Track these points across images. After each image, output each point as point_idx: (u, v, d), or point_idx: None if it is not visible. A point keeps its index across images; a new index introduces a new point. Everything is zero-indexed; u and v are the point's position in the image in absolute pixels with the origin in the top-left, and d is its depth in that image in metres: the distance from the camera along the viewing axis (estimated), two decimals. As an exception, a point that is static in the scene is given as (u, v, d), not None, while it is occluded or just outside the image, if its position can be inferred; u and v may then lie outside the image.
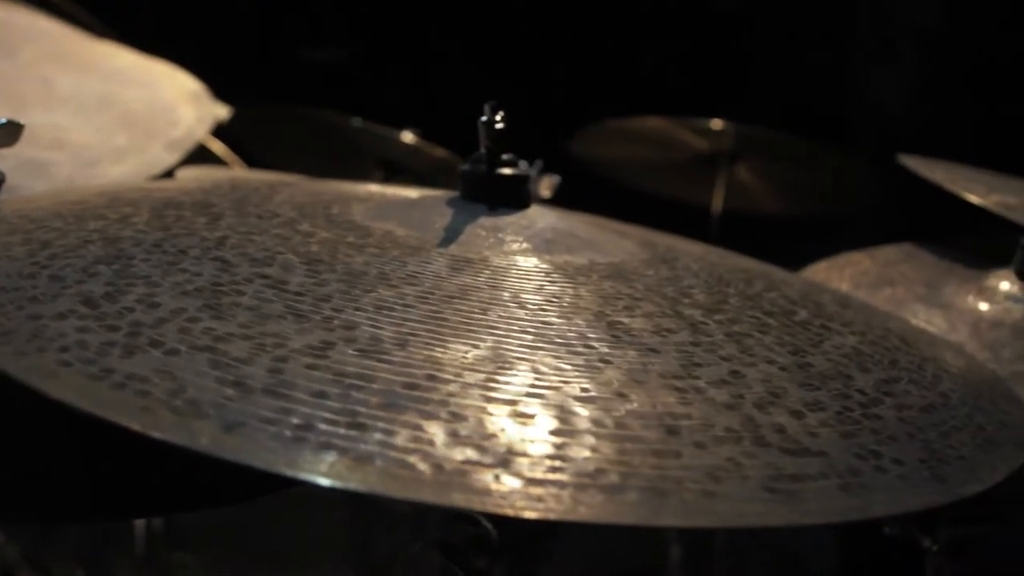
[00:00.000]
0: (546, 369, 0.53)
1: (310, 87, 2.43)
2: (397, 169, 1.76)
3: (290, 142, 1.88)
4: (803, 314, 0.69)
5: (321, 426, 0.46)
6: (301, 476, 0.44)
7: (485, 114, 0.69)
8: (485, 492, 0.44)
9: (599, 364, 0.54)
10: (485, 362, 0.52)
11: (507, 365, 0.52)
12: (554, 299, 0.61)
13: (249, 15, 2.61)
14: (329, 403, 0.48)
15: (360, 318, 0.54)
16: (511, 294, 0.60)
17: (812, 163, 1.95)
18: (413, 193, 0.82)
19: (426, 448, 0.46)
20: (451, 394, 0.49)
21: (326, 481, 0.44)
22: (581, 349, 0.55)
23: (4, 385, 0.48)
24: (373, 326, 0.54)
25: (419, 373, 0.50)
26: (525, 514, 0.44)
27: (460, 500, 0.44)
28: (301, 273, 0.59)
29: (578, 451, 0.47)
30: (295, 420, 0.46)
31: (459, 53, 2.56)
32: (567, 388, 0.51)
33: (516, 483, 0.45)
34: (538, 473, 0.46)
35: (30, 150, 0.89)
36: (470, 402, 0.49)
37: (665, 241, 0.83)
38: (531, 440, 0.47)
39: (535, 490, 0.45)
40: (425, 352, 0.52)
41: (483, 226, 0.68)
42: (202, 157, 1.38)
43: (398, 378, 0.50)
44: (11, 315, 0.52)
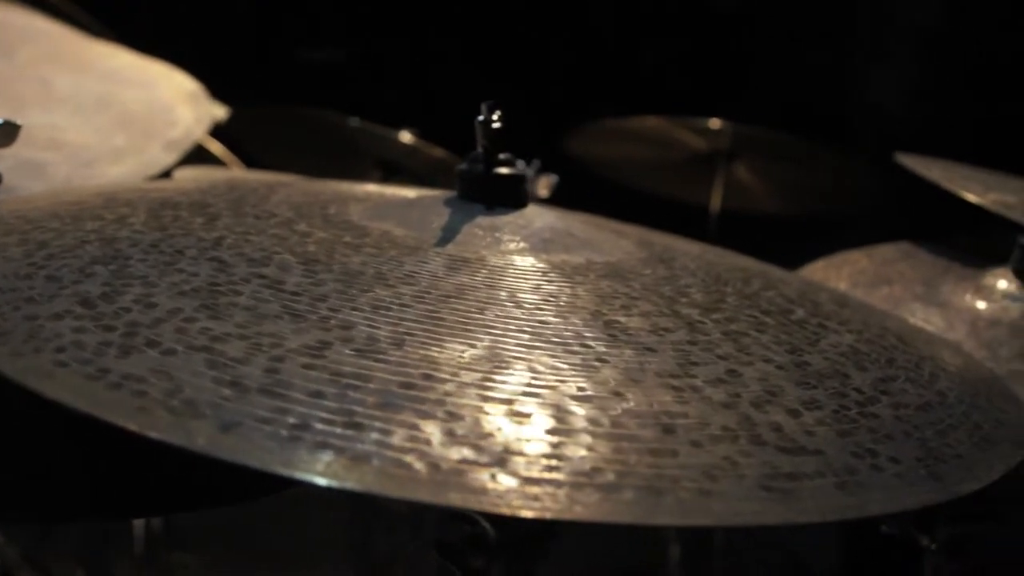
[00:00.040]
0: (543, 368, 0.53)
1: (309, 87, 2.43)
2: (395, 169, 1.76)
3: (288, 142, 1.88)
4: (800, 313, 0.69)
5: (318, 426, 0.46)
6: (297, 476, 0.44)
7: (482, 114, 0.69)
8: (481, 491, 0.44)
9: (596, 363, 0.54)
10: (482, 361, 0.52)
11: (504, 364, 0.52)
12: (551, 298, 0.61)
13: (247, 15, 2.61)
14: (326, 403, 0.48)
15: (357, 318, 0.54)
16: (508, 293, 0.60)
17: (811, 163, 1.95)
18: (411, 193, 0.82)
19: (422, 447, 0.46)
20: (448, 393, 0.49)
21: (323, 481, 0.44)
22: (578, 348, 0.55)
23: (2, 385, 0.48)
24: (370, 326, 0.54)
25: (415, 373, 0.50)
26: (521, 513, 0.44)
27: (457, 499, 0.44)
28: (298, 273, 0.59)
29: (574, 450, 0.47)
30: (291, 420, 0.46)
31: (458, 53, 2.56)
32: (564, 387, 0.51)
33: (512, 482, 0.45)
34: (534, 472, 0.46)
35: (28, 150, 0.89)
36: (466, 401, 0.49)
37: (663, 240, 0.83)
38: (527, 439, 0.47)
39: (531, 489, 0.45)
40: (422, 351, 0.52)
41: (480, 225, 0.68)
42: (200, 157, 1.38)
43: (395, 378, 0.50)
44: (7, 316, 0.52)
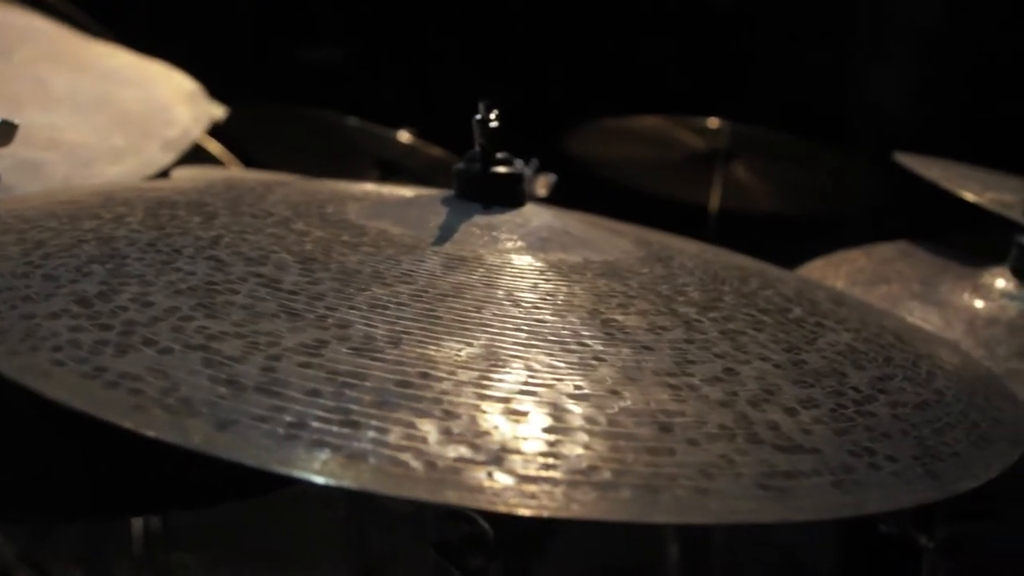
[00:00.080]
0: (540, 367, 0.53)
1: (308, 87, 2.43)
2: (394, 168, 1.76)
3: (287, 142, 1.88)
4: (798, 311, 0.69)
5: (314, 424, 0.46)
6: (294, 474, 0.44)
7: (479, 112, 0.69)
8: (478, 489, 0.44)
9: (593, 362, 0.54)
10: (478, 360, 0.52)
11: (501, 363, 0.52)
12: (548, 297, 0.61)
13: (246, 15, 2.61)
14: (322, 401, 0.47)
15: (354, 316, 0.54)
16: (505, 292, 0.60)
17: (809, 162, 1.95)
18: (408, 192, 0.82)
19: (419, 446, 0.46)
20: (444, 392, 0.49)
21: (319, 479, 0.44)
22: (575, 347, 0.55)
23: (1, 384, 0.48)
24: (367, 324, 0.54)
25: (412, 371, 0.50)
26: (518, 511, 0.44)
27: (453, 497, 0.44)
28: (295, 272, 0.59)
29: (571, 448, 0.47)
30: (288, 418, 0.46)
31: (456, 53, 2.56)
32: (561, 385, 0.51)
33: (509, 480, 0.45)
34: (531, 470, 0.46)
35: (25, 150, 0.89)
36: (463, 400, 0.49)
37: (660, 239, 0.83)
38: (524, 437, 0.47)
39: (528, 487, 0.45)
40: (418, 350, 0.52)
41: (478, 224, 0.68)
42: (198, 157, 1.38)
43: (391, 376, 0.50)
44: (4, 314, 0.52)
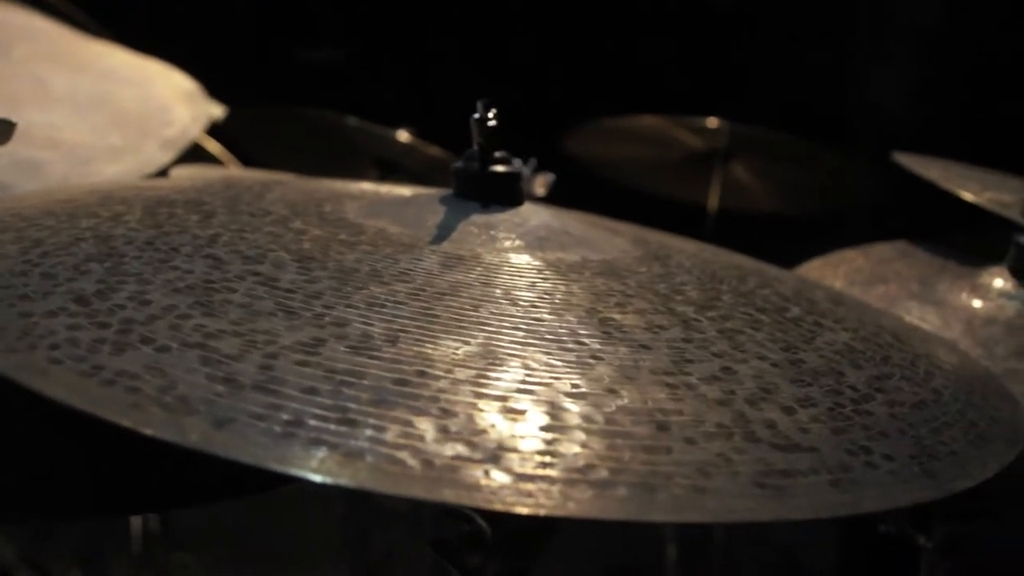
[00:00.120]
0: (537, 365, 0.53)
1: (308, 87, 2.43)
2: (393, 168, 1.76)
3: (287, 142, 1.88)
4: (796, 311, 0.69)
5: (311, 422, 0.46)
6: (291, 472, 0.44)
7: (477, 111, 0.69)
8: (475, 488, 0.44)
9: (590, 360, 0.54)
10: (476, 358, 0.52)
11: (498, 361, 0.52)
12: (546, 296, 0.61)
13: (246, 15, 2.61)
14: (319, 399, 0.47)
15: (351, 315, 0.54)
16: (503, 291, 0.60)
17: (808, 162, 1.95)
18: (406, 191, 0.82)
19: (416, 444, 0.46)
20: (442, 390, 0.49)
21: (316, 477, 0.44)
22: (572, 345, 0.55)
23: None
24: (364, 323, 0.54)
25: (410, 369, 0.50)
26: (515, 509, 0.44)
27: (450, 496, 0.44)
28: (293, 270, 0.59)
29: (568, 447, 0.47)
30: (285, 416, 0.46)
31: (457, 53, 2.56)
32: (558, 384, 0.51)
33: (506, 478, 0.45)
34: (528, 469, 0.46)
35: (24, 149, 0.89)
36: (460, 398, 0.49)
37: (658, 238, 0.83)
38: (521, 436, 0.47)
39: (525, 486, 0.45)
40: (416, 348, 0.52)
41: (476, 223, 0.68)
42: (197, 156, 1.38)
43: (389, 374, 0.50)
44: (2, 312, 0.52)
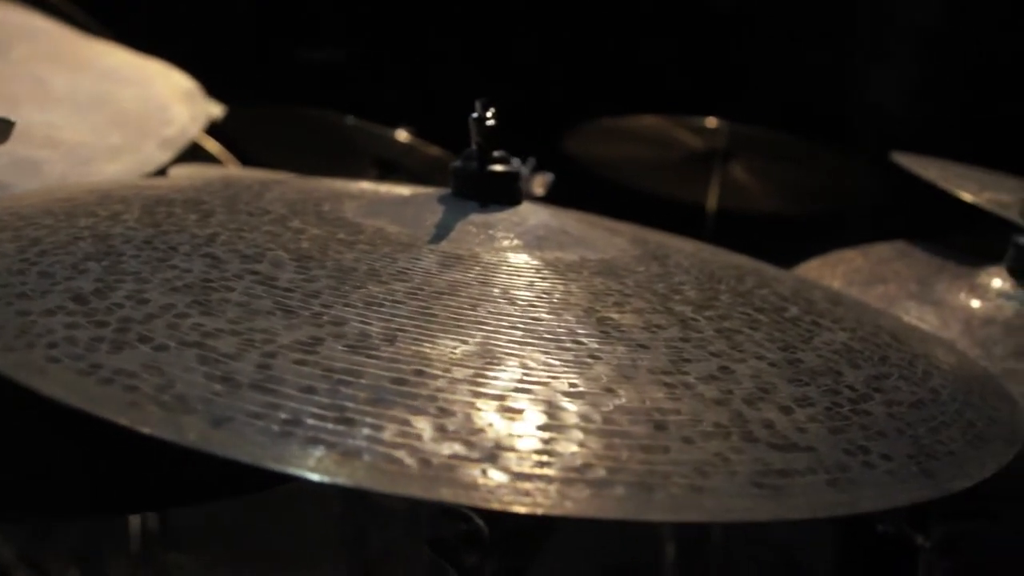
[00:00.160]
0: (535, 365, 0.53)
1: (309, 87, 2.43)
2: (392, 167, 1.76)
3: (286, 141, 1.88)
4: (794, 311, 0.69)
5: (309, 421, 0.46)
6: (289, 471, 0.44)
7: (476, 111, 0.69)
8: (472, 487, 0.44)
9: (588, 360, 0.54)
10: (474, 357, 0.52)
11: (496, 361, 0.52)
12: (544, 295, 0.61)
13: (247, 15, 2.61)
14: (317, 398, 0.47)
15: (349, 314, 0.54)
16: (501, 290, 0.60)
17: (808, 162, 1.95)
18: (405, 190, 0.82)
19: (414, 443, 0.46)
20: (439, 389, 0.49)
21: (314, 476, 0.44)
22: (570, 345, 0.55)
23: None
24: (362, 322, 0.54)
25: (407, 369, 0.50)
26: (512, 509, 0.44)
27: (447, 495, 0.44)
28: (291, 269, 0.59)
29: (566, 446, 0.47)
30: (283, 415, 0.46)
31: (457, 53, 2.56)
32: (556, 383, 0.51)
33: (503, 478, 0.45)
34: (525, 468, 0.46)
35: (23, 148, 0.89)
36: (458, 397, 0.49)
37: (657, 238, 0.83)
38: (519, 435, 0.47)
39: (522, 485, 0.45)
40: (414, 348, 0.52)
41: (474, 223, 0.68)
42: (196, 155, 1.39)
43: (386, 373, 0.50)
44: (0, 311, 0.52)
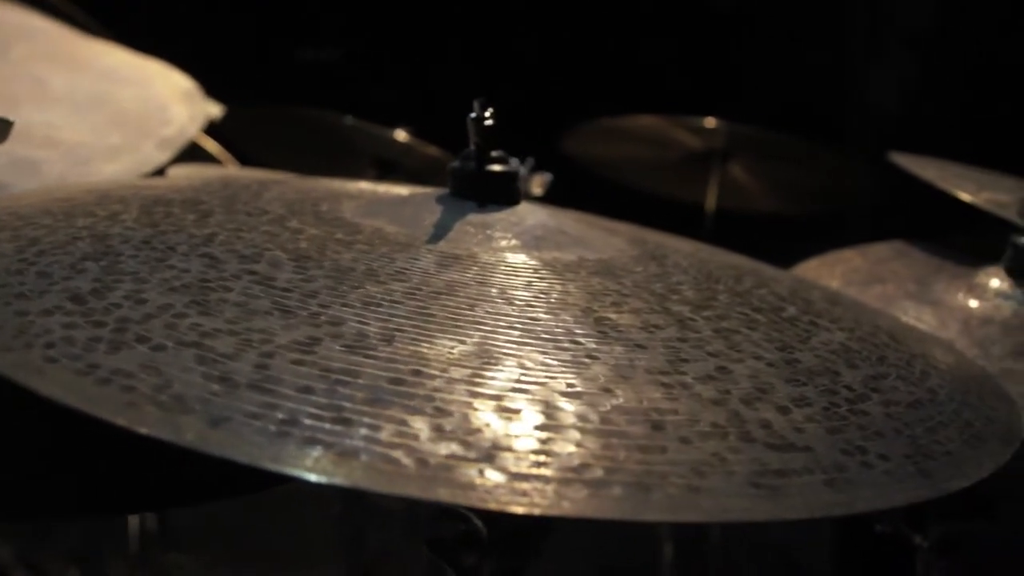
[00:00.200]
0: (532, 365, 0.53)
1: (307, 87, 2.43)
2: (390, 167, 1.76)
3: (285, 141, 1.88)
4: (792, 310, 0.69)
5: (306, 421, 0.46)
6: (286, 471, 0.44)
7: (474, 111, 0.69)
8: (469, 487, 0.44)
9: (586, 360, 0.54)
10: (471, 357, 0.52)
11: (493, 360, 0.52)
12: (542, 295, 0.61)
13: (246, 15, 2.61)
14: (315, 398, 0.48)
15: (347, 314, 0.54)
16: (499, 290, 0.60)
17: (806, 162, 1.95)
18: (403, 190, 0.82)
19: (411, 443, 0.46)
20: (437, 389, 0.49)
21: (311, 476, 0.44)
22: (568, 345, 0.55)
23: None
24: (360, 322, 0.54)
25: (405, 369, 0.50)
26: (509, 509, 0.44)
27: (445, 495, 0.44)
28: (289, 269, 0.59)
29: (563, 446, 0.47)
30: (280, 415, 0.46)
31: (456, 53, 2.56)
32: (553, 383, 0.51)
33: (500, 478, 0.45)
34: (523, 468, 0.46)
35: (23, 148, 0.89)
36: (455, 397, 0.49)
37: (655, 238, 0.83)
38: (516, 435, 0.48)
39: (519, 485, 0.45)
40: (411, 348, 0.52)
41: (472, 223, 0.68)
42: (195, 155, 1.38)
43: (384, 374, 0.50)
44: (-2, 311, 0.52)
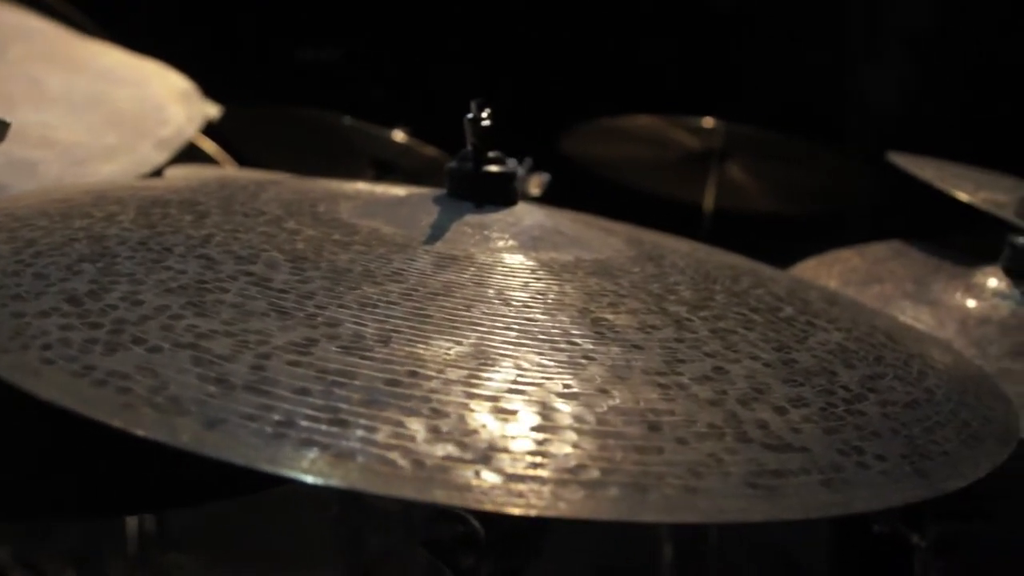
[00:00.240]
0: (529, 365, 0.53)
1: (305, 87, 2.43)
2: (389, 168, 1.76)
3: (284, 141, 1.88)
4: (789, 311, 0.69)
5: (303, 423, 0.46)
6: (282, 472, 0.44)
7: (471, 111, 0.69)
8: (466, 488, 0.44)
9: (582, 360, 0.54)
10: (468, 358, 0.52)
11: (490, 361, 0.52)
12: (539, 296, 0.60)
13: (246, 15, 2.60)
14: (311, 400, 0.47)
15: (343, 315, 0.54)
16: (496, 291, 0.60)
17: (805, 162, 1.95)
18: (401, 191, 0.82)
19: (407, 444, 0.46)
20: (433, 390, 0.49)
21: (307, 477, 0.44)
22: (565, 345, 0.55)
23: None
24: (356, 323, 0.54)
25: (401, 370, 0.50)
26: (506, 510, 0.44)
27: (441, 496, 0.44)
28: (285, 270, 0.59)
29: (560, 447, 0.47)
30: (277, 417, 0.46)
31: (455, 53, 2.56)
32: (550, 384, 0.51)
33: (497, 479, 0.45)
34: (519, 469, 0.46)
35: (19, 149, 0.89)
36: (452, 398, 0.49)
37: (652, 238, 0.83)
38: (512, 436, 0.47)
39: (516, 486, 0.45)
40: (408, 349, 0.52)
41: (469, 223, 0.68)
42: (193, 156, 1.38)
43: (380, 375, 0.50)
44: (-6, 313, 0.52)
